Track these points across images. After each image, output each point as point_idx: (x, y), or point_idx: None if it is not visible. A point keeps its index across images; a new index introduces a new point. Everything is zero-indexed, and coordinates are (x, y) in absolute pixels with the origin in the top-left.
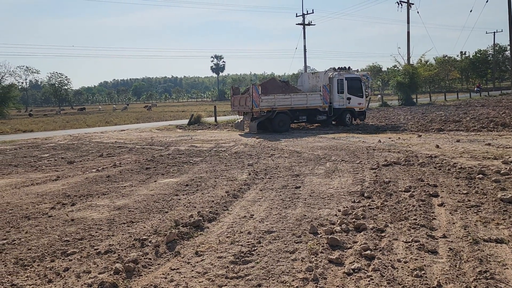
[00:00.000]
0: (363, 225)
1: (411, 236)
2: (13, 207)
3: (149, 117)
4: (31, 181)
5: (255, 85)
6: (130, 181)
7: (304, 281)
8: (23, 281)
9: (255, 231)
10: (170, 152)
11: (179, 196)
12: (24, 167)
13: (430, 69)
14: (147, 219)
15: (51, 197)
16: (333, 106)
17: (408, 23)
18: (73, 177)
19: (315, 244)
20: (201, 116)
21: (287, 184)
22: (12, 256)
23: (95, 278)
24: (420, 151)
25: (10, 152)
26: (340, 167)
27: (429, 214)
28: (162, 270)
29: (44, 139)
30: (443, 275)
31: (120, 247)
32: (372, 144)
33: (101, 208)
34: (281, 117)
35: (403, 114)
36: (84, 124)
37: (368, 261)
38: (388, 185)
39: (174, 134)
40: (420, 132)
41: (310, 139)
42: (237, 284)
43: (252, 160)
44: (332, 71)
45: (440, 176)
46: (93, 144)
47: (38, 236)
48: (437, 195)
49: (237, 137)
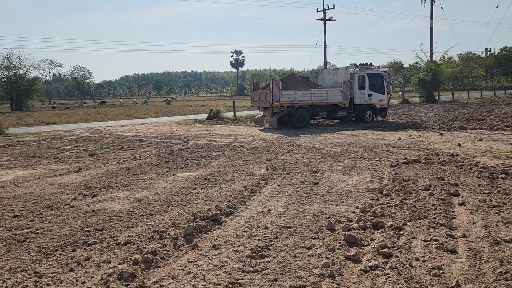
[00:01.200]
0: (381, 223)
1: (430, 235)
2: (36, 197)
3: (169, 111)
4: (54, 172)
5: (276, 80)
6: (150, 174)
7: (321, 277)
8: (46, 269)
9: (272, 226)
10: (189, 146)
11: (198, 189)
12: (47, 158)
13: (453, 66)
14: (166, 212)
15: (73, 188)
16: (354, 102)
17: (432, 19)
18: (94, 169)
19: (332, 241)
20: (220, 111)
21: (305, 180)
22: (35, 244)
23: (115, 268)
24: (441, 150)
25: (34, 144)
26: (359, 164)
27: (449, 213)
28: (179, 262)
29: (66, 131)
30: (462, 275)
31: (139, 239)
32: (392, 142)
33: (121, 200)
34: (301, 112)
35: (425, 111)
36: (105, 117)
37: (386, 259)
38: (407, 183)
39: (193, 129)
40: (442, 130)
41: (329, 136)
42: (253, 278)
43: (270, 155)
44: (353, 67)
45: (462, 175)
46: (113, 137)
47: (60, 226)
48: (457, 194)
49: (256, 132)
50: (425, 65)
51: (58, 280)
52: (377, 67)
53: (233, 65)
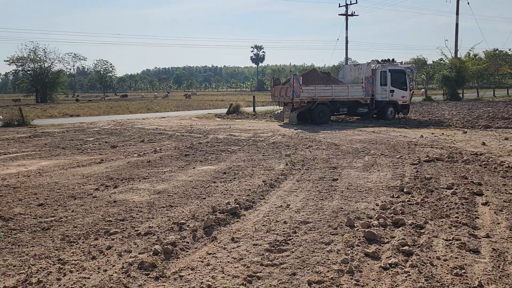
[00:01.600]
0: (402, 221)
1: (452, 234)
2: (60, 186)
3: (189, 105)
4: (77, 163)
5: (296, 76)
6: (170, 167)
7: (339, 273)
8: (69, 256)
9: (291, 220)
10: (209, 140)
11: (217, 183)
12: (71, 149)
13: (479, 63)
14: (186, 204)
15: (95, 179)
16: (375, 98)
17: (457, 14)
18: (116, 161)
19: (351, 237)
20: (240, 106)
21: (324, 176)
22: (59, 232)
23: (135, 257)
24: (464, 148)
25: (58, 135)
26: (380, 161)
27: (472, 213)
28: (199, 254)
29: (89, 123)
30: (485, 275)
31: (159, 230)
32: (413, 139)
33: (142, 191)
34: (321, 108)
35: (448, 109)
36: (126, 111)
37: (406, 257)
38: (429, 182)
39: (213, 123)
40: (466, 129)
41: (349, 132)
42: (272, 272)
43: (289, 150)
44: (375, 63)
45: (486, 174)
46: (135, 129)
47: (83, 215)
48: (481, 193)
49: (275, 127)
50: (449, 62)
51: (81, 267)
52: (400, 63)
53: (253, 60)
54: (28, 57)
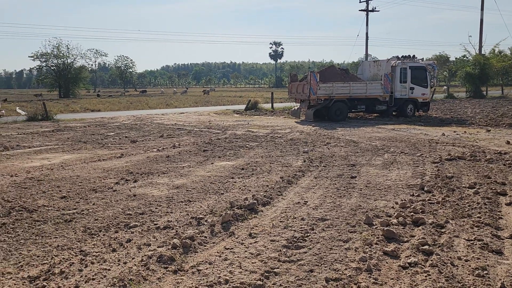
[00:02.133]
0: (422, 220)
1: (474, 234)
2: (82, 180)
3: (207, 101)
4: (98, 157)
5: (313, 72)
6: (188, 162)
7: (357, 271)
8: (90, 248)
9: (308, 217)
10: (227, 136)
11: (235, 179)
12: (92, 143)
13: (504, 60)
14: (204, 199)
15: (115, 173)
16: (394, 96)
17: (482, 10)
18: (135, 155)
19: (369, 235)
20: (258, 102)
21: (343, 173)
22: (81, 224)
23: (154, 251)
24: (488, 147)
25: (80, 130)
26: (399, 159)
27: (495, 213)
28: (216, 248)
29: (110, 118)
30: (508, 277)
31: (178, 224)
32: (435, 137)
33: (161, 186)
34: (338, 105)
35: (471, 107)
36: (146, 106)
37: (426, 256)
38: (451, 180)
39: (231, 119)
40: (489, 127)
41: (368, 129)
42: (289, 268)
43: (307, 147)
44: (395, 59)
45: (510, 174)
46: (154, 125)
47: (104, 208)
48: (505, 193)
49: (293, 124)
50: (473, 59)
51: (102, 259)
52: (421, 59)
53: (272, 57)
54: (52, 53)
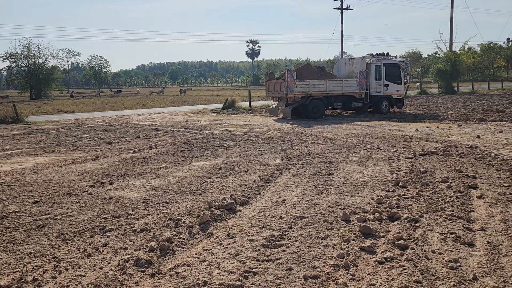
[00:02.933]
0: (397, 215)
1: (447, 227)
2: (55, 184)
3: (184, 101)
4: (72, 160)
5: (290, 71)
6: (166, 163)
7: (335, 268)
8: (64, 254)
9: (286, 216)
10: (204, 135)
11: (213, 179)
12: (65, 146)
13: (474, 57)
14: (181, 200)
15: (90, 176)
16: (370, 93)
17: (452, 8)
18: (111, 157)
19: (347, 232)
20: (235, 101)
21: (320, 171)
22: (54, 230)
23: (131, 254)
24: (459, 141)
25: (53, 132)
26: (375, 155)
27: (467, 206)
28: (195, 250)
29: (84, 120)
30: (479, 268)
31: (155, 226)
32: (409, 133)
33: (137, 188)
34: (315, 103)
35: (443, 102)
36: (121, 106)
37: (401, 250)
38: (424, 175)
39: (209, 118)
40: (461, 122)
41: (345, 126)
42: (268, 267)
43: (285, 145)
44: (370, 57)
45: (480, 167)
46: (130, 126)
47: (78, 212)
48: (476, 187)
49: (271, 122)
50: (444, 56)
51: (77, 265)
52: (394, 57)
53: (249, 55)
54: (22, 53)
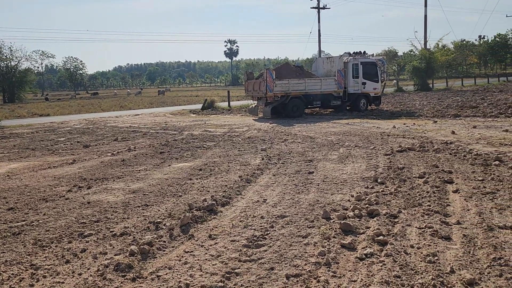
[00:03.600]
0: (376, 211)
1: (425, 222)
2: (31, 189)
3: (163, 102)
4: (48, 164)
5: (269, 70)
6: (145, 165)
7: (317, 265)
8: (42, 261)
9: (268, 215)
10: (184, 136)
11: (193, 180)
12: (41, 150)
13: (447, 54)
14: (162, 203)
15: (67, 180)
16: (348, 91)
17: (426, 6)
18: (89, 161)
19: (327, 229)
20: (214, 101)
21: (300, 170)
22: (31, 237)
23: (111, 259)
24: (435, 137)
25: (28, 136)
26: (354, 152)
27: (443, 201)
28: (176, 252)
29: (60, 123)
30: (456, 261)
31: (135, 230)
32: (386, 130)
33: (117, 191)
34: (295, 102)
35: (419, 99)
36: (99, 109)
37: (381, 246)
38: (402, 171)
39: (188, 119)
40: (436, 118)
41: (324, 125)
42: (250, 267)
43: (265, 145)
44: (347, 55)
45: (456, 162)
46: (108, 128)
47: (55, 218)
48: (452, 181)
49: (251, 122)
50: (419, 53)
51: (55, 272)
52: (371, 55)
53: (227, 55)
54: None
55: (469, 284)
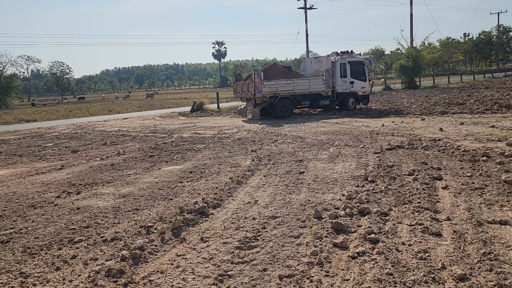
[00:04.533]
0: (367, 209)
1: (415, 219)
2: (19, 196)
3: (152, 105)
4: (36, 171)
5: (257, 71)
6: (134, 169)
7: (309, 265)
8: (31, 269)
9: (259, 216)
10: (174, 139)
11: (184, 183)
12: (28, 156)
13: (434, 52)
14: (152, 207)
15: (56, 186)
16: (336, 90)
17: (411, 5)
18: (77, 166)
19: (319, 229)
20: (203, 103)
21: (291, 170)
22: (19, 244)
23: (102, 265)
24: (423, 135)
25: (14, 142)
26: (344, 151)
27: (433, 197)
28: (168, 256)
29: (47, 128)
30: (447, 257)
31: (126, 235)
32: (375, 128)
33: (106, 196)
34: (283, 102)
35: (407, 97)
36: (87, 113)
37: (373, 244)
38: (391, 169)
39: (177, 122)
40: (424, 116)
41: (313, 124)
42: (242, 269)
43: (255, 146)
44: (335, 55)
45: (444, 159)
46: (96, 132)
47: (44, 225)
48: (441, 178)
49: (240, 123)
50: (406, 52)
51: (45, 279)
52: (358, 54)
53: (215, 57)
54: None
55: (460, 279)
